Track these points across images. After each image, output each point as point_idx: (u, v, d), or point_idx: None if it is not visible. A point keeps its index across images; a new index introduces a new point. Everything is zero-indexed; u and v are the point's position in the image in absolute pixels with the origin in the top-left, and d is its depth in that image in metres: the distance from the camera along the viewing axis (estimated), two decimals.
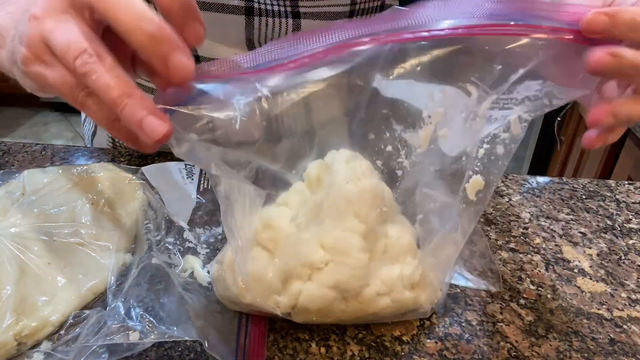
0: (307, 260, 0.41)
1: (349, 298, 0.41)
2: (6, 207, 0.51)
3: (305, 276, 0.41)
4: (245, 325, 0.44)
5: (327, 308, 0.41)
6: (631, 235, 0.58)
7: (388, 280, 0.42)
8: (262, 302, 0.42)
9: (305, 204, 0.44)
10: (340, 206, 0.41)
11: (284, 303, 0.42)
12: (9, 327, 0.41)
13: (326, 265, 0.41)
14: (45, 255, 0.47)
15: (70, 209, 0.51)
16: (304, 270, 0.41)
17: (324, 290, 0.40)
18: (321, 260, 0.41)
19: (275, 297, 0.42)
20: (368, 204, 0.41)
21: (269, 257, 0.43)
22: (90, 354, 0.39)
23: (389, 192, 0.45)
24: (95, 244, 0.49)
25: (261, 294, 0.42)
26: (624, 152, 1.07)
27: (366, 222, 0.41)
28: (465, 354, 0.44)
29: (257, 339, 0.44)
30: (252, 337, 0.44)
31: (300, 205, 0.44)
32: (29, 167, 0.64)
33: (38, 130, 2.79)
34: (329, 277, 0.40)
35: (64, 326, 0.44)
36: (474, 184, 0.41)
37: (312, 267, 0.41)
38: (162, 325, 0.40)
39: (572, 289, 0.51)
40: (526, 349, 0.44)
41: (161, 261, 0.46)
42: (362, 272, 0.41)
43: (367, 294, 0.41)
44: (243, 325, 0.44)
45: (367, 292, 0.41)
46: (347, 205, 0.41)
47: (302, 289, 0.41)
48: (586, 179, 0.68)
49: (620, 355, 0.44)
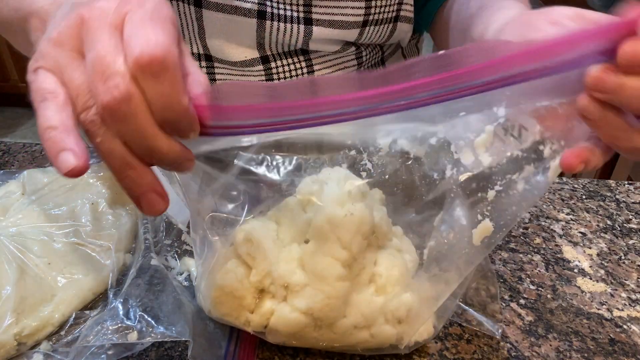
0: (284, 280, 0.38)
1: (322, 326, 0.39)
2: (6, 207, 0.51)
3: (280, 296, 0.39)
4: (237, 332, 0.43)
5: (299, 333, 0.39)
6: (631, 235, 0.58)
7: (368, 313, 0.39)
8: (233, 319, 0.40)
9: (293, 220, 0.41)
10: (324, 229, 0.38)
11: (255, 322, 0.40)
12: (9, 327, 0.41)
13: (302, 288, 0.38)
14: (45, 255, 0.46)
15: (70, 209, 0.51)
16: (279, 290, 0.39)
17: (296, 314, 0.38)
18: (298, 282, 0.38)
19: (247, 314, 0.40)
20: (353, 230, 0.38)
21: (245, 271, 0.40)
22: (89, 354, 0.39)
23: (385, 218, 0.42)
24: (95, 244, 0.49)
25: (233, 309, 0.40)
26: None
27: (350, 249, 0.38)
28: (465, 354, 0.44)
29: (247, 347, 0.43)
30: (243, 344, 0.43)
31: (289, 221, 0.42)
32: (29, 167, 0.64)
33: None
34: (303, 302, 0.38)
35: (64, 327, 0.44)
36: (482, 230, 0.38)
37: (289, 289, 0.39)
38: (161, 326, 0.40)
39: (572, 289, 0.51)
40: (526, 349, 0.44)
41: (159, 262, 0.46)
42: (338, 302, 0.38)
43: (343, 326, 0.39)
44: (235, 331, 0.43)
45: (343, 323, 0.39)
46: (331, 230, 0.38)
47: (276, 309, 0.39)
48: (586, 179, 0.68)
49: (620, 355, 0.44)
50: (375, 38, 0.59)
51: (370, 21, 0.57)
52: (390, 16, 0.58)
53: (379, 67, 0.67)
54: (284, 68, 0.59)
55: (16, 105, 2.85)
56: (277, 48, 0.58)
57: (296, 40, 0.56)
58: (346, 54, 0.61)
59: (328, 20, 0.55)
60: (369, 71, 0.32)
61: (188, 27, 0.56)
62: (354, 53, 0.61)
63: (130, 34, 0.26)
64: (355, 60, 0.62)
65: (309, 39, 0.56)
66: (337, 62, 0.61)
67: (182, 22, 0.56)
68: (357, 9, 0.55)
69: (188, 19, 0.56)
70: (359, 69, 0.63)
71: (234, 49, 0.57)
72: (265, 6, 0.54)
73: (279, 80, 0.60)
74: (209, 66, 0.59)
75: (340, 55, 0.61)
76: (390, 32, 0.60)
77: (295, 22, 0.55)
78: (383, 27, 0.59)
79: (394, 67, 0.29)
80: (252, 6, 0.54)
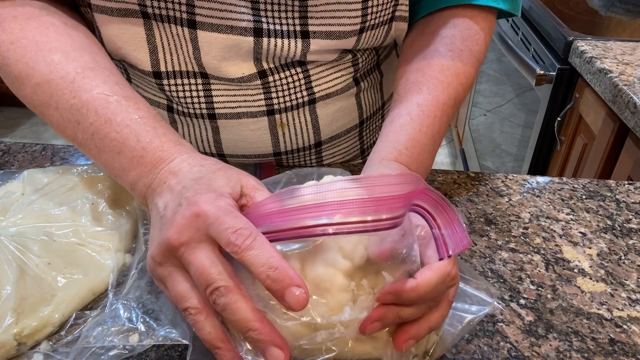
0: None
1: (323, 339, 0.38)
2: (6, 207, 0.51)
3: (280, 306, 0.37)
4: None
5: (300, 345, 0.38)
6: (631, 235, 0.58)
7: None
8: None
9: None
10: (325, 238, 0.38)
11: None
12: (9, 327, 0.41)
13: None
14: (45, 255, 0.46)
15: (70, 209, 0.51)
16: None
17: (297, 326, 0.37)
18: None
19: None
20: (354, 239, 0.38)
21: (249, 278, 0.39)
22: (90, 354, 0.39)
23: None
24: (95, 244, 0.49)
25: None
26: (624, 152, 1.07)
27: (352, 259, 0.38)
28: (465, 354, 0.44)
29: None
30: None
31: None
32: (29, 167, 0.64)
33: (38, 130, 2.79)
34: (304, 313, 0.37)
35: (64, 327, 0.44)
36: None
37: None
38: (161, 327, 0.40)
39: (572, 289, 0.51)
40: (526, 349, 0.44)
41: None
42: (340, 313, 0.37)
43: (343, 337, 0.38)
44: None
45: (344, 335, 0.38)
46: (332, 239, 0.38)
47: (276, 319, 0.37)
48: (586, 179, 0.68)
49: (620, 355, 0.44)
50: (372, 42, 0.59)
51: (367, 27, 0.56)
52: (386, 18, 0.58)
53: (375, 71, 0.67)
54: (282, 81, 0.59)
55: (16, 105, 2.86)
56: (274, 61, 0.57)
57: (294, 54, 0.56)
58: (343, 62, 0.61)
59: (325, 31, 0.55)
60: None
61: (182, 47, 0.55)
62: (350, 60, 0.61)
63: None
64: (352, 67, 0.62)
65: (307, 51, 0.56)
66: (334, 71, 0.61)
67: (175, 43, 0.55)
68: (354, 18, 0.55)
69: (182, 39, 0.54)
70: (355, 75, 0.63)
71: (231, 67, 0.56)
72: (261, 23, 0.53)
73: (277, 94, 0.59)
74: (205, 83, 0.58)
75: (338, 63, 0.60)
76: (386, 34, 0.60)
77: (293, 37, 0.54)
78: (379, 30, 0.58)
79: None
80: (248, 24, 0.53)
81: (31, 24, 0.49)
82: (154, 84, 0.59)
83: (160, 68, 0.57)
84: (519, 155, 1.59)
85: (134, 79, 0.62)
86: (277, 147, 0.63)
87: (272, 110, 0.60)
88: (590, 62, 1.14)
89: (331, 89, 0.62)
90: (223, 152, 0.63)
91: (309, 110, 0.62)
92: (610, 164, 1.12)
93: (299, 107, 0.61)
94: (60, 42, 0.48)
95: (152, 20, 0.53)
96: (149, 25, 0.54)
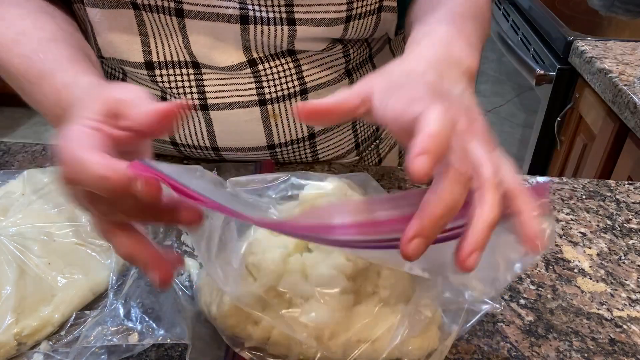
0: (287, 292, 0.38)
1: (324, 340, 0.38)
2: (6, 207, 0.51)
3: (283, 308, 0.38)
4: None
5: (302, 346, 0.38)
6: (631, 235, 0.58)
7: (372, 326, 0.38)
8: (239, 331, 0.39)
9: None
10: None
11: (257, 335, 0.39)
12: (9, 327, 0.41)
13: (306, 301, 0.37)
14: (45, 255, 0.46)
15: (71, 209, 0.51)
16: (282, 303, 0.38)
17: (299, 327, 0.37)
18: (301, 295, 0.37)
19: (249, 327, 0.39)
20: None
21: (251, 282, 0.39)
22: (90, 354, 0.39)
23: None
24: (95, 244, 0.49)
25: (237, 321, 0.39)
26: (624, 152, 1.06)
27: (354, 260, 0.38)
28: (465, 354, 0.44)
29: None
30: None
31: None
32: (29, 167, 0.64)
33: (38, 130, 2.79)
34: (306, 315, 0.37)
35: (64, 327, 0.44)
36: None
37: (291, 301, 0.38)
38: (161, 327, 0.40)
39: (572, 289, 0.51)
40: (526, 349, 0.44)
41: None
42: (342, 315, 0.37)
43: (345, 339, 0.38)
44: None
45: (346, 337, 0.38)
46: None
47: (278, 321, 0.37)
48: (586, 179, 0.68)
49: (620, 355, 0.44)
50: (360, 32, 0.59)
51: (353, 16, 0.57)
52: (373, 8, 0.58)
53: (367, 64, 0.67)
54: (272, 70, 0.59)
55: (16, 105, 2.85)
56: (263, 50, 0.58)
57: (281, 42, 0.56)
58: (333, 52, 0.61)
59: (311, 18, 0.55)
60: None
61: (172, 37, 0.56)
62: (341, 51, 0.61)
63: None
64: (343, 58, 0.62)
65: (294, 39, 0.56)
66: (325, 61, 0.61)
67: (165, 33, 0.56)
68: (339, 5, 0.55)
69: (171, 29, 0.56)
70: (347, 66, 0.63)
71: (221, 55, 0.57)
72: (247, 10, 0.54)
73: (268, 83, 0.59)
74: (197, 73, 0.59)
75: (328, 54, 0.61)
76: (374, 24, 0.60)
77: (279, 24, 0.55)
78: (367, 20, 0.58)
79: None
80: (235, 11, 0.54)
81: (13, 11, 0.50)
82: (147, 77, 0.60)
83: (152, 58, 0.58)
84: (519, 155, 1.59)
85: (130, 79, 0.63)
86: (271, 139, 0.63)
87: (263, 100, 0.61)
88: (590, 62, 1.14)
89: (322, 79, 0.62)
90: (217, 145, 0.64)
91: (300, 100, 0.62)
92: (610, 164, 1.12)
93: (290, 97, 0.61)
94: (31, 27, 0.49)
95: (141, 10, 0.55)
96: (140, 15, 0.55)
